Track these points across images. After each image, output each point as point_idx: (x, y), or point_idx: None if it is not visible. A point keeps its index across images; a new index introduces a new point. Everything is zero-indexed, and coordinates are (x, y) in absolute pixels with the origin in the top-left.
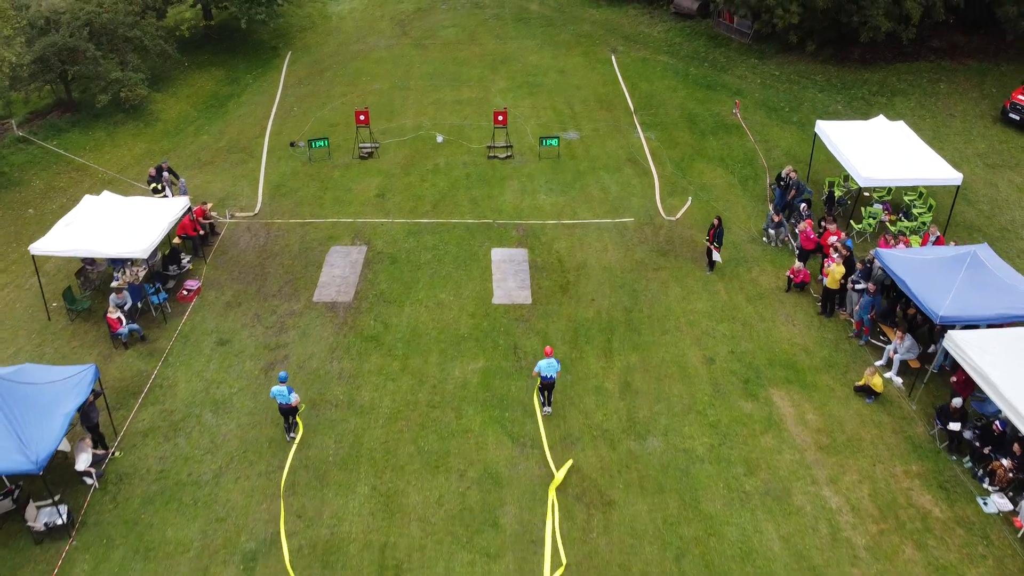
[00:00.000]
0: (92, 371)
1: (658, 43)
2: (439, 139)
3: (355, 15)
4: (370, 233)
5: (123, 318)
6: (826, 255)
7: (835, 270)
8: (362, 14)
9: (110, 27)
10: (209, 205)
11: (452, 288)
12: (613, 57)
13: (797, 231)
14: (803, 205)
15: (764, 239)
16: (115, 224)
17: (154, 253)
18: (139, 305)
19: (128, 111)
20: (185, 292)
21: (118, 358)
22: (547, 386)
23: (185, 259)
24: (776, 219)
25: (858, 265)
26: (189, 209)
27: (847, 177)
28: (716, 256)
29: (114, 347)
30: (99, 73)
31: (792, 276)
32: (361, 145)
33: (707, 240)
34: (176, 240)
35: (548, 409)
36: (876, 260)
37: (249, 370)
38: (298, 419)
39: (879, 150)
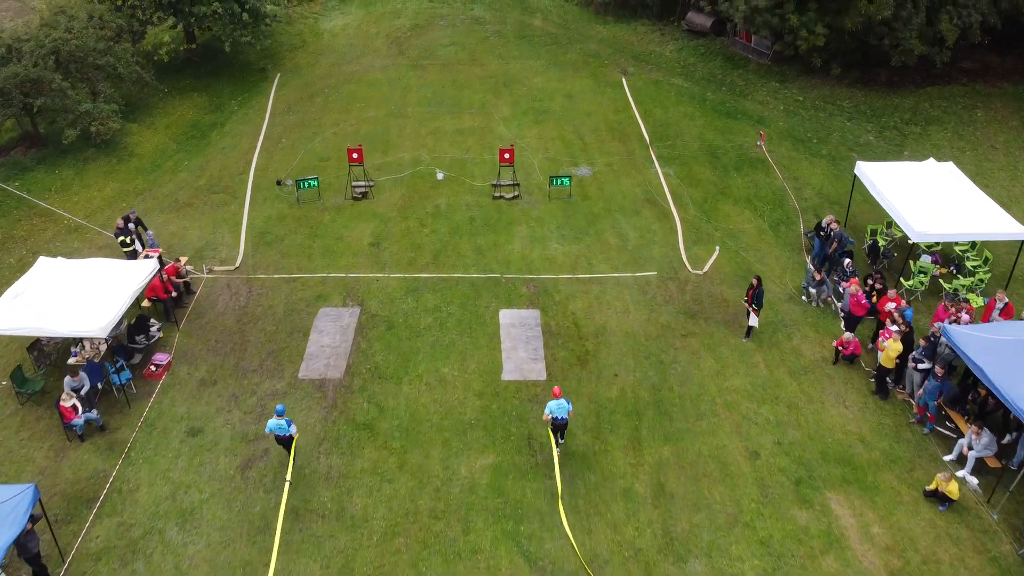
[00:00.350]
0: (30, 494)
1: (671, 64)
2: (439, 176)
3: (348, 32)
4: (363, 291)
5: (79, 405)
6: (882, 323)
7: (891, 347)
8: (356, 31)
9: (79, 55)
10: (183, 260)
11: (456, 360)
12: (624, 80)
13: (842, 290)
14: (847, 261)
15: (803, 298)
16: (71, 295)
17: (118, 323)
18: (99, 386)
19: (99, 146)
20: (153, 368)
21: (72, 453)
22: (559, 427)
23: (154, 327)
24: (817, 277)
25: (920, 341)
26: (160, 268)
27: (891, 223)
28: (753, 320)
29: (68, 439)
30: (67, 105)
31: (841, 348)
32: (354, 184)
33: (745, 301)
34: (145, 303)
35: (558, 447)
36: (943, 336)
37: (223, 469)
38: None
39: (931, 199)
